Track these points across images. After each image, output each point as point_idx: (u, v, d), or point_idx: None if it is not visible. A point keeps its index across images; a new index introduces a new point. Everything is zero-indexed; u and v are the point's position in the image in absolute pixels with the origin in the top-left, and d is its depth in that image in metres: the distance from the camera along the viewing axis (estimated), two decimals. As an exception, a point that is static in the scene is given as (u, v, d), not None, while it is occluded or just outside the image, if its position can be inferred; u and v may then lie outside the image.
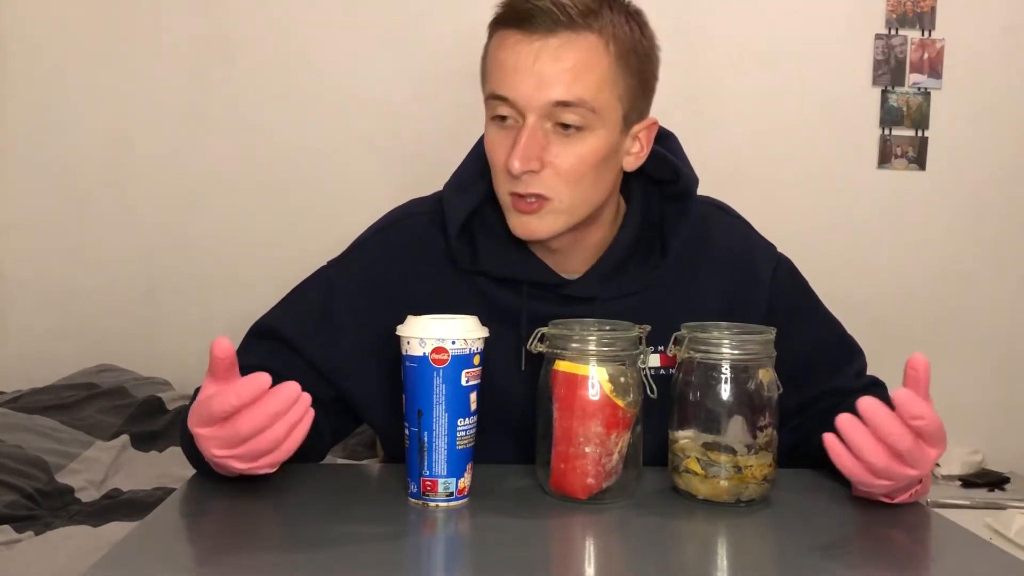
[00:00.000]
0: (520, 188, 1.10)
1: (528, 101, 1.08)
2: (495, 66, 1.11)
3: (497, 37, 1.11)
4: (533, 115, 1.08)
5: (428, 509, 1.00)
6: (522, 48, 1.08)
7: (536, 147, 1.08)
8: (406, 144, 2.78)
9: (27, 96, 2.75)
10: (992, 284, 2.93)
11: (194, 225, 2.78)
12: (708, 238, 1.25)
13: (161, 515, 1.00)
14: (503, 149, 1.10)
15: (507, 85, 1.08)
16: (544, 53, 1.07)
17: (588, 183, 1.12)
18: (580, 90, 1.08)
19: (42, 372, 2.57)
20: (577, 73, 1.07)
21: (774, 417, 1.05)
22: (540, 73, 1.07)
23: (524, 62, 1.07)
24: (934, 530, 1.02)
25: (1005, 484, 2.72)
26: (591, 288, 1.19)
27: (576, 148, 1.09)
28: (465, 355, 0.99)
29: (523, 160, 1.07)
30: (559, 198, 1.11)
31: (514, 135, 1.09)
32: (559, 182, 1.10)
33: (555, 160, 1.09)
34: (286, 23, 2.78)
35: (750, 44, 2.84)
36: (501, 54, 1.10)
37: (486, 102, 1.13)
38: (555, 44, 1.07)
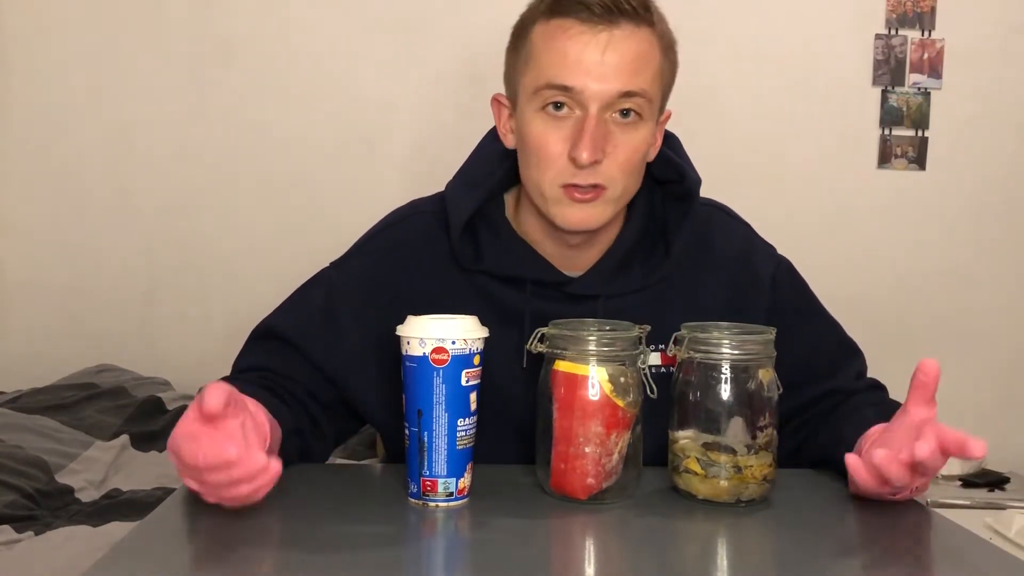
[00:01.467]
0: (581, 179, 1.10)
1: (595, 91, 1.08)
2: (553, 56, 1.10)
3: (551, 27, 1.11)
4: (597, 105, 1.09)
5: (428, 509, 1.00)
6: (587, 38, 1.08)
7: (602, 138, 1.09)
8: (406, 144, 2.78)
9: (27, 96, 2.75)
10: (992, 284, 2.93)
11: (194, 225, 2.78)
12: (710, 239, 1.26)
13: (161, 515, 1.00)
14: (559, 139, 1.10)
15: (570, 75, 1.08)
16: (612, 43, 1.08)
17: (638, 173, 1.15)
18: (642, 81, 1.10)
19: (42, 372, 2.57)
20: (640, 64, 1.10)
21: (774, 417, 1.05)
22: (608, 63, 1.08)
23: (591, 53, 1.08)
24: (934, 530, 1.02)
25: (1005, 484, 2.72)
26: (594, 286, 1.20)
27: (632, 138, 1.12)
28: (465, 355, 0.99)
29: (592, 151, 1.08)
30: (614, 187, 1.12)
31: (571, 125, 1.10)
32: (617, 171, 1.11)
33: (614, 151, 1.11)
34: (286, 23, 2.78)
35: (750, 44, 2.84)
36: (561, 44, 1.09)
37: (537, 92, 1.11)
38: (620, 35, 1.09)
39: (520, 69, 1.14)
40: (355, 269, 1.23)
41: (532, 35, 1.13)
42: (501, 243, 1.20)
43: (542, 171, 1.12)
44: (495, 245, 1.20)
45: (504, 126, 1.21)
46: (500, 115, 1.21)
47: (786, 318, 1.22)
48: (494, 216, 1.21)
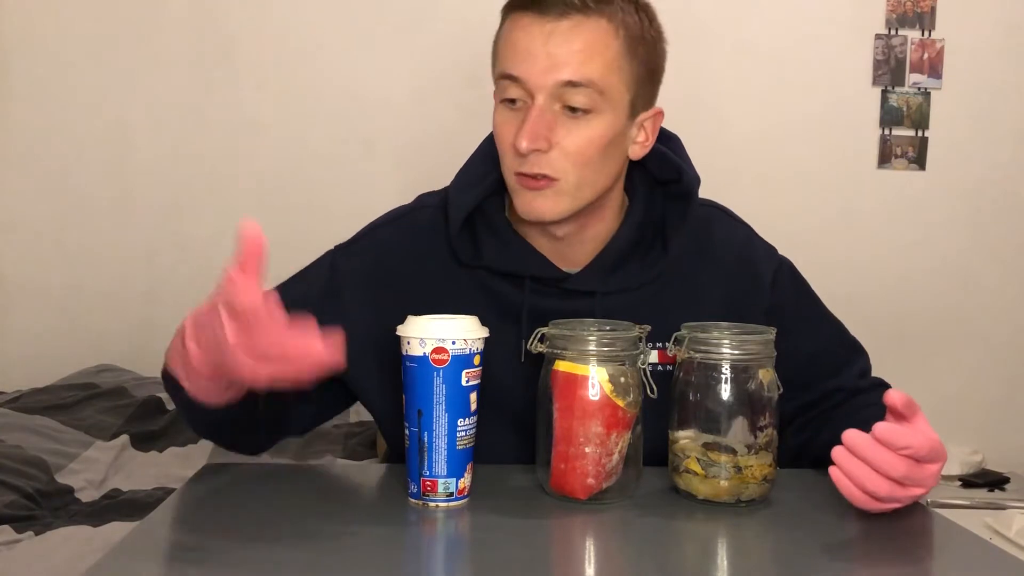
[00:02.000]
0: (527, 168, 1.11)
1: (538, 80, 1.09)
2: (506, 47, 1.13)
3: (510, 20, 1.13)
4: (542, 95, 1.10)
5: (428, 509, 1.00)
6: (534, 29, 1.10)
7: (544, 126, 1.09)
8: (406, 144, 2.78)
9: (27, 96, 2.75)
10: (992, 284, 2.93)
11: (194, 225, 2.78)
12: (710, 239, 1.26)
13: (161, 515, 1.00)
14: (511, 129, 1.12)
15: (518, 65, 1.10)
16: (556, 35, 1.09)
17: (595, 166, 1.13)
18: (589, 71, 1.09)
19: (42, 372, 2.57)
20: (587, 55, 1.09)
21: (774, 417, 1.05)
22: (551, 54, 1.09)
23: (535, 43, 1.09)
24: (934, 530, 1.02)
25: (1005, 484, 2.72)
26: (592, 282, 1.20)
27: (583, 130, 1.11)
28: (465, 355, 0.99)
29: (531, 138, 1.09)
30: (565, 178, 1.12)
31: (522, 116, 1.11)
32: (566, 163, 1.11)
33: (563, 141, 1.10)
34: (286, 23, 2.78)
35: (750, 44, 2.84)
36: (513, 35, 1.12)
37: (496, 83, 1.15)
38: (566, 26, 1.09)
39: (493, 61, 1.17)
40: (360, 254, 1.25)
41: (500, 29, 1.16)
42: (499, 240, 1.21)
43: (503, 162, 1.15)
44: (493, 242, 1.21)
45: None
46: None
47: (787, 318, 1.22)
48: (492, 213, 1.22)
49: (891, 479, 0.95)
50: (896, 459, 0.94)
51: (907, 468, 0.94)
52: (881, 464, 0.94)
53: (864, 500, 0.96)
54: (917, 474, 0.96)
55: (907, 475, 0.95)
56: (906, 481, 0.95)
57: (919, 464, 0.95)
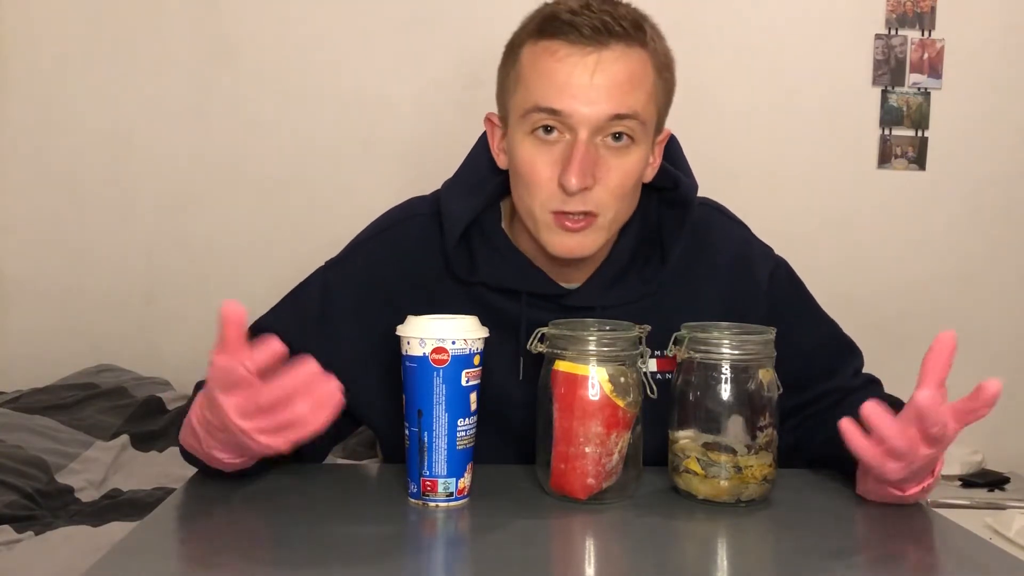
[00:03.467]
0: (571, 207, 1.07)
1: (584, 115, 1.05)
2: (542, 79, 1.06)
3: (539, 48, 1.08)
4: (586, 129, 1.06)
5: (428, 509, 1.00)
6: (575, 60, 1.05)
7: (591, 163, 1.06)
8: (406, 144, 2.78)
9: (27, 96, 2.75)
10: (992, 284, 2.93)
11: (194, 225, 2.78)
12: (706, 242, 1.24)
13: (161, 515, 1.00)
14: (549, 164, 1.07)
15: (559, 99, 1.05)
16: (601, 66, 1.04)
17: (630, 198, 1.12)
18: (634, 102, 1.06)
19: (42, 372, 2.57)
20: (632, 86, 1.06)
21: (774, 417, 1.05)
22: (598, 87, 1.05)
23: (580, 75, 1.05)
24: (934, 530, 1.02)
25: (1005, 484, 2.72)
26: (591, 298, 1.18)
27: (623, 163, 1.08)
28: (465, 355, 0.99)
29: (581, 177, 1.05)
30: (605, 214, 1.09)
31: (561, 150, 1.07)
32: (609, 198, 1.08)
33: (605, 176, 1.07)
34: (286, 23, 2.78)
35: (750, 44, 2.84)
36: (547, 65, 1.06)
37: (525, 115, 1.08)
38: (610, 57, 1.05)
39: (510, 89, 1.11)
40: (351, 271, 1.22)
41: (521, 55, 1.10)
42: (496, 255, 1.18)
43: (532, 196, 1.10)
44: (490, 257, 1.18)
45: (497, 146, 1.18)
46: (493, 135, 1.19)
47: (784, 319, 1.20)
48: (489, 227, 1.19)
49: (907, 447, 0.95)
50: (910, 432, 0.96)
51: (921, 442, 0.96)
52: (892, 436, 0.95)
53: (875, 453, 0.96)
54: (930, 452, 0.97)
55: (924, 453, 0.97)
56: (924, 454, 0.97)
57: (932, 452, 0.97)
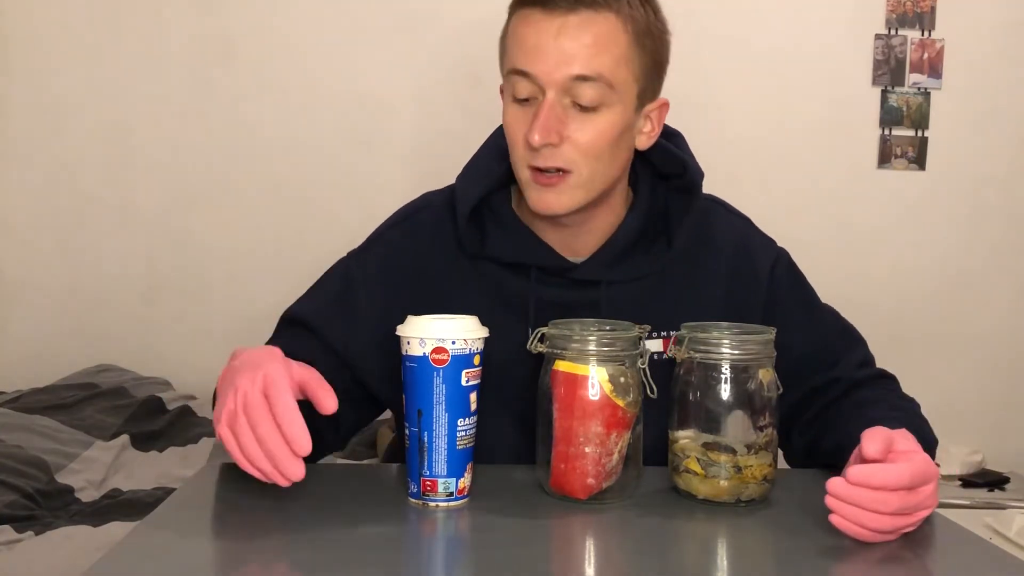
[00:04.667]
0: (540, 161, 1.12)
1: (549, 76, 1.10)
2: (516, 43, 1.13)
3: (518, 16, 1.15)
4: (553, 90, 1.11)
5: (428, 509, 1.00)
6: (543, 25, 1.11)
7: (555, 121, 1.11)
8: (406, 144, 2.78)
9: (27, 95, 2.75)
10: (992, 284, 2.93)
11: (194, 225, 2.78)
12: (711, 231, 1.28)
13: (161, 515, 1.00)
14: (523, 124, 1.13)
15: (528, 60, 1.11)
16: (565, 30, 1.10)
17: (606, 158, 1.15)
18: (599, 65, 1.11)
19: (42, 372, 2.57)
20: (597, 49, 1.10)
21: (774, 417, 1.05)
22: (561, 49, 1.10)
23: (545, 38, 1.10)
24: (934, 530, 1.02)
25: (1005, 484, 2.72)
26: (597, 271, 1.22)
27: (594, 123, 1.12)
28: (465, 355, 0.99)
29: (543, 132, 1.10)
30: (578, 171, 1.13)
31: (534, 111, 1.12)
32: (578, 156, 1.13)
33: (574, 134, 1.12)
34: (286, 22, 2.78)
35: (750, 44, 2.84)
36: (522, 31, 1.13)
37: (505, 79, 1.16)
38: (576, 21, 1.10)
39: (501, 58, 1.18)
40: (372, 257, 1.27)
41: (507, 25, 1.17)
42: (505, 231, 1.23)
43: (514, 155, 1.16)
44: (499, 233, 1.23)
45: None
46: None
47: (784, 310, 1.24)
48: (499, 205, 1.24)
49: (889, 513, 0.92)
50: (884, 495, 0.91)
51: (899, 499, 0.92)
52: (873, 504, 0.91)
53: (875, 537, 0.94)
54: (912, 500, 0.93)
55: (902, 506, 0.92)
56: (905, 510, 0.93)
57: (911, 491, 0.93)
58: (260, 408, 0.94)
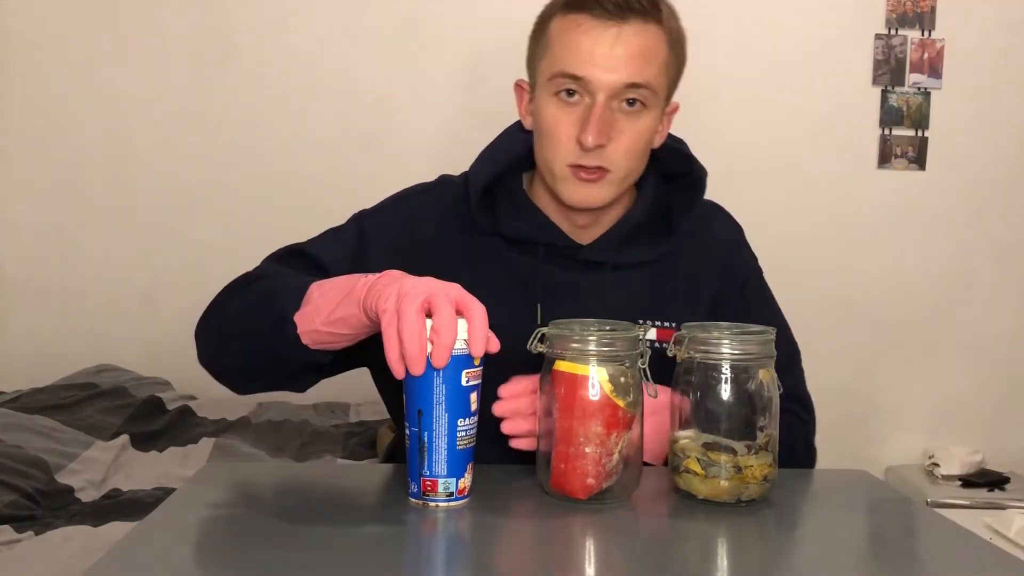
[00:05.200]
0: (587, 161, 1.19)
1: (603, 82, 1.17)
2: (568, 49, 1.18)
3: (566, 21, 1.19)
4: (604, 94, 1.17)
5: (428, 509, 1.00)
6: (598, 33, 1.17)
7: (607, 124, 1.18)
8: (406, 144, 2.78)
9: (28, 96, 2.75)
10: (992, 284, 2.93)
11: (194, 225, 2.78)
12: (710, 230, 1.36)
13: (161, 515, 1.00)
14: (569, 123, 1.19)
15: (582, 66, 1.17)
16: (621, 38, 1.17)
17: (640, 158, 1.24)
18: (648, 74, 1.18)
19: (42, 372, 2.57)
20: (646, 58, 1.18)
21: (774, 417, 1.05)
22: (616, 56, 1.17)
23: (601, 46, 1.17)
24: (934, 530, 1.02)
25: (1005, 484, 2.72)
26: (603, 254, 1.28)
27: (636, 125, 1.20)
28: (465, 355, 0.99)
29: (597, 135, 1.17)
30: (617, 170, 1.21)
31: (580, 111, 1.19)
32: (621, 156, 1.20)
33: (619, 136, 1.19)
34: (286, 23, 2.78)
35: (750, 45, 2.84)
36: (575, 38, 1.18)
37: (551, 79, 1.20)
38: (630, 31, 1.17)
39: (539, 56, 1.23)
40: (386, 220, 1.31)
41: (550, 27, 1.21)
42: (517, 210, 1.28)
43: (552, 151, 1.21)
44: (511, 211, 1.28)
45: (524, 108, 1.30)
46: (521, 99, 1.30)
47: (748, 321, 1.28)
48: (512, 186, 1.30)
49: None
50: None
51: None
52: None
53: None
54: None
55: None
56: None
57: None
58: None
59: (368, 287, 1.01)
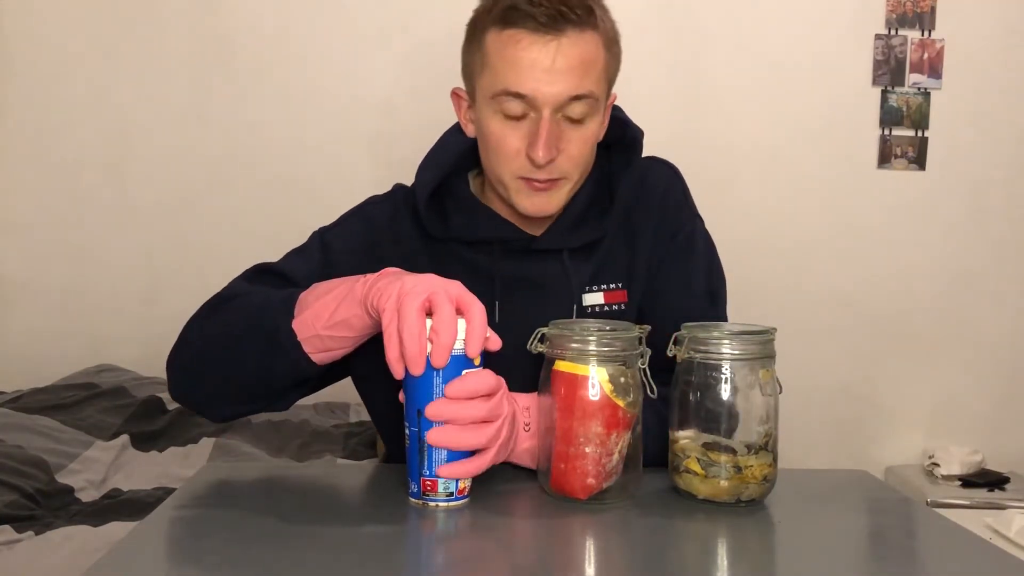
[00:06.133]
0: (540, 175, 1.19)
1: (546, 98, 1.16)
2: (507, 65, 1.16)
3: (503, 37, 1.17)
4: (549, 108, 1.16)
5: (428, 509, 1.00)
6: (538, 48, 1.15)
7: (555, 138, 1.17)
8: (406, 144, 2.77)
9: (27, 96, 2.75)
10: (992, 284, 2.93)
11: (194, 225, 2.78)
12: (644, 183, 1.33)
13: (161, 515, 1.00)
14: (517, 138, 1.18)
15: (523, 83, 1.15)
16: (560, 51, 1.15)
17: (588, 161, 1.24)
18: (589, 84, 1.17)
19: (42, 372, 2.57)
20: (585, 69, 1.17)
21: (774, 417, 1.05)
22: (557, 71, 1.15)
23: (542, 62, 1.15)
24: (934, 530, 1.02)
25: (1005, 484, 2.72)
26: (557, 240, 1.28)
27: (583, 133, 1.20)
28: (465, 355, 0.99)
29: (547, 151, 1.16)
30: (569, 177, 1.22)
31: (527, 125, 1.18)
32: (571, 165, 1.20)
33: (567, 146, 1.19)
34: (286, 23, 2.78)
35: (750, 45, 2.84)
36: (514, 54, 1.16)
37: (493, 97, 1.18)
38: (566, 43, 1.15)
39: (476, 70, 1.22)
40: (347, 230, 1.31)
41: (486, 41, 1.20)
42: (466, 212, 1.28)
43: (502, 165, 1.21)
44: (460, 214, 1.28)
45: (464, 117, 1.29)
46: (460, 107, 1.29)
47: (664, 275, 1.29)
48: (458, 190, 1.30)
49: None
50: None
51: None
52: None
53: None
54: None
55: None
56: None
57: None
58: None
59: (369, 286, 1.00)
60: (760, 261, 2.71)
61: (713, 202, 1.63)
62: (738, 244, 2.28)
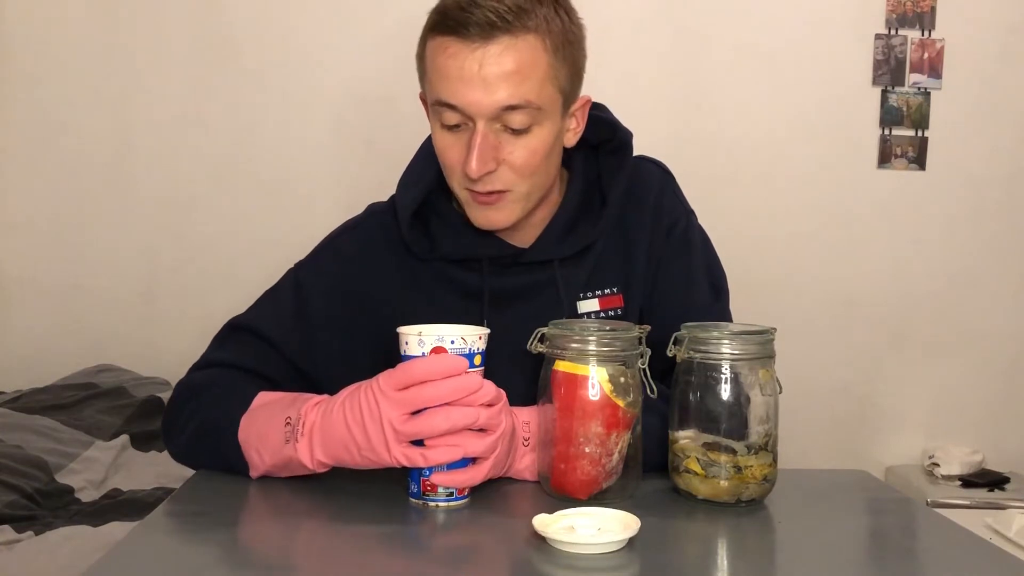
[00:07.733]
0: (479, 187, 1.14)
1: (478, 108, 1.10)
2: (438, 75, 1.13)
3: (435, 44, 1.13)
4: (483, 120, 1.11)
5: (428, 509, 1.00)
6: (464, 56, 1.10)
7: (490, 149, 1.12)
8: (406, 144, 2.76)
9: (28, 96, 2.75)
10: (992, 284, 2.93)
11: (194, 225, 2.78)
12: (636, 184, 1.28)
13: (161, 515, 1.00)
14: (456, 151, 1.14)
15: (454, 94, 1.11)
16: (487, 60, 1.09)
17: (541, 171, 1.17)
18: (526, 91, 1.10)
19: (42, 372, 2.57)
20: (520, 76, 1.10)
21: (774, 417, 1.05)
22: (486, 81, 1.09)
23: (468, 70, 1.09)
24: (934, 530, 1.02)
25: (1005, 484, 2.72)
26: (547, 251, 1.24)
27: (527, 143, 1.13)
28: (465, 355, 0.99)
29: (480, 163, 1.11)
30: (516, 189, 1.16)
31: (466, 137, 1.13)
32: (515, 176, 1.14)
33: (509, 157, 1.13)
34: (286, 23, 2.78)
35: (750, 44, 2.84)
36: (443, 63, 1.12)
37: (432, 108, 1.16)
38: (496, 50, 1.09)
39: (422, 78, 1.19)
40: (320, 268, 1.26)
41: (425, 49, 1.16)
42: (451, 229, 1.24)
43: (449, 177, 1.18)
44: (446, 232, 1.24)
45: None
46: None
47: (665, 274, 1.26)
48: (441, 207, 1.25)
49: None
50: None
51: None
52: None
53: None
54: None
55: None
56: None
57: None
58: None
59: (308, 456, 1.00)
60: (760, 261, 2.70)
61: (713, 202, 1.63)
62: (738, 244, 2.28)
